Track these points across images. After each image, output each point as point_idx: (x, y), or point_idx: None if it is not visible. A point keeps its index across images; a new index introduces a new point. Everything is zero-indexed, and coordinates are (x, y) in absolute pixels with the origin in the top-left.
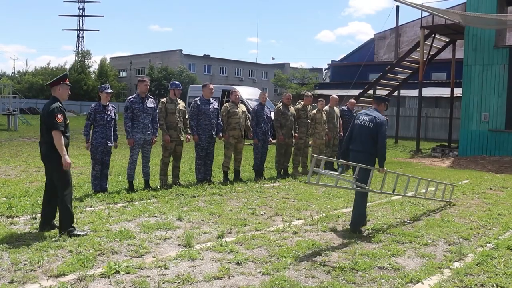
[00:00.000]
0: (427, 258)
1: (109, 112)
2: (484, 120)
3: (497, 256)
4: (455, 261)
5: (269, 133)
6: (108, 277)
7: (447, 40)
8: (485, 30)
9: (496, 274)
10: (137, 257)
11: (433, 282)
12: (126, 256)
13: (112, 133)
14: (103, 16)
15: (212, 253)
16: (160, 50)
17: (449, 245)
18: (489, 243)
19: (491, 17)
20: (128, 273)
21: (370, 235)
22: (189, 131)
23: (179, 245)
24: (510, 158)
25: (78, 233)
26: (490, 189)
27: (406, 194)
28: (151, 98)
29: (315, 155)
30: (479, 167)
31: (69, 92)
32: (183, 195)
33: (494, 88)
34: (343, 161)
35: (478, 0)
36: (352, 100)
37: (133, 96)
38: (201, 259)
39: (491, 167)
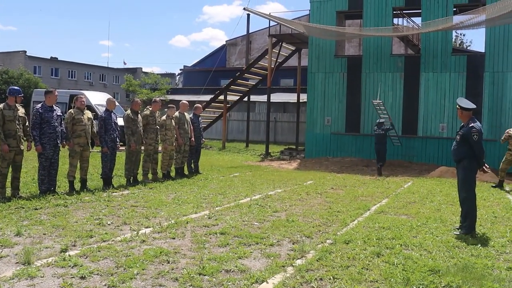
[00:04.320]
0: (272, 258)
1: None
2: (327, 124)
3: (335, 251)
4: (298, 258)
5: (117, 140)
6: None
7: (293, 48)
8: (326, 40)
9: (334, 268)
10: None
11: (277, 280)
12: None
13: None
14: None
15: (54, 268)
16: (1, 50)
17: (293, 243)
18: (328, 239)
19: (331, 29)
20: None
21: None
22: (31, 140)
23: (17, 263)
24: (350, 159)
25: None
26: (332, 188)
27: None
28: None
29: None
30: (323, 168)
31: None
32: (23, 208)
33: (335, 94)
34: None
35: (320, 13)
36: (198, 105)
37: None
38: (41, 277)
39: (333, 167)
